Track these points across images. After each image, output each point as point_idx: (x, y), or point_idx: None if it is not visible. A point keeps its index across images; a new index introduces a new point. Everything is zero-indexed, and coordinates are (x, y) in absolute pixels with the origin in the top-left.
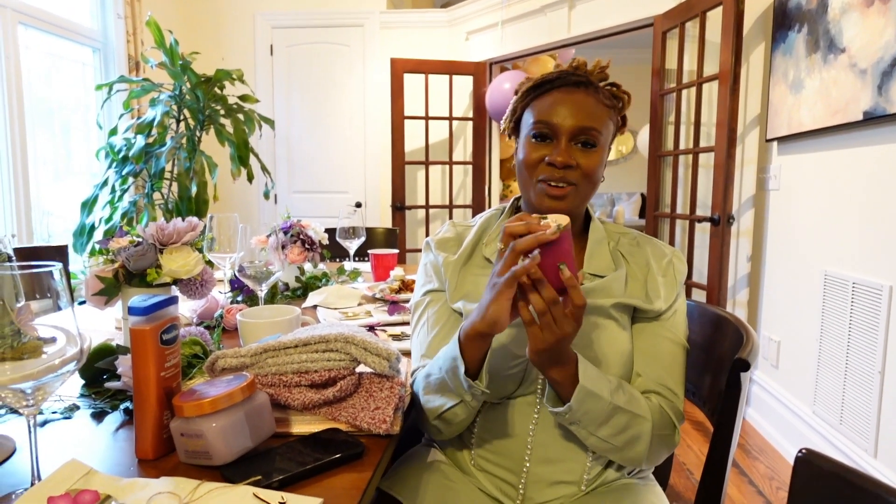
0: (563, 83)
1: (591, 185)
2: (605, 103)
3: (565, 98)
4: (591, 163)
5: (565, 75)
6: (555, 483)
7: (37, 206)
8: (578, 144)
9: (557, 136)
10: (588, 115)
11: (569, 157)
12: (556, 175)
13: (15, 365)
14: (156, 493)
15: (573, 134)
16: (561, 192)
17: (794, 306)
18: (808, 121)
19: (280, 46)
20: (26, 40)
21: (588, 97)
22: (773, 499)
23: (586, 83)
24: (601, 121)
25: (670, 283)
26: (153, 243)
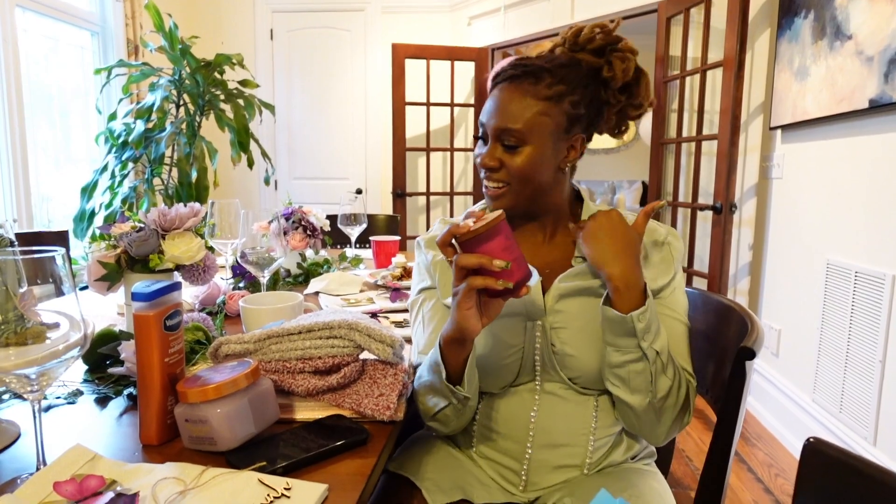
0: (501, 78)
1: (527, 183)
2: (543, 94)
3: (496, 95)
4: (516, 163)
5: (505, 69)
6: (557, 467)
7: (36, 191)
8: (503, 145)
9: (487, 136)
10: (508, 114)
11: (490, 158)
12: (488, 176)
13: (19, 350)
14: (161, 479)
15: (496, 135)
16: (495, 192)
17: (795, 295)
18: (812, 108)
19: (280, 31)
20: (24, 23)
21: (516, 92)
22: (772, 486)
23: (521, 75)
24: (527, 119)
25: (666, 259)
26: (155, 229)
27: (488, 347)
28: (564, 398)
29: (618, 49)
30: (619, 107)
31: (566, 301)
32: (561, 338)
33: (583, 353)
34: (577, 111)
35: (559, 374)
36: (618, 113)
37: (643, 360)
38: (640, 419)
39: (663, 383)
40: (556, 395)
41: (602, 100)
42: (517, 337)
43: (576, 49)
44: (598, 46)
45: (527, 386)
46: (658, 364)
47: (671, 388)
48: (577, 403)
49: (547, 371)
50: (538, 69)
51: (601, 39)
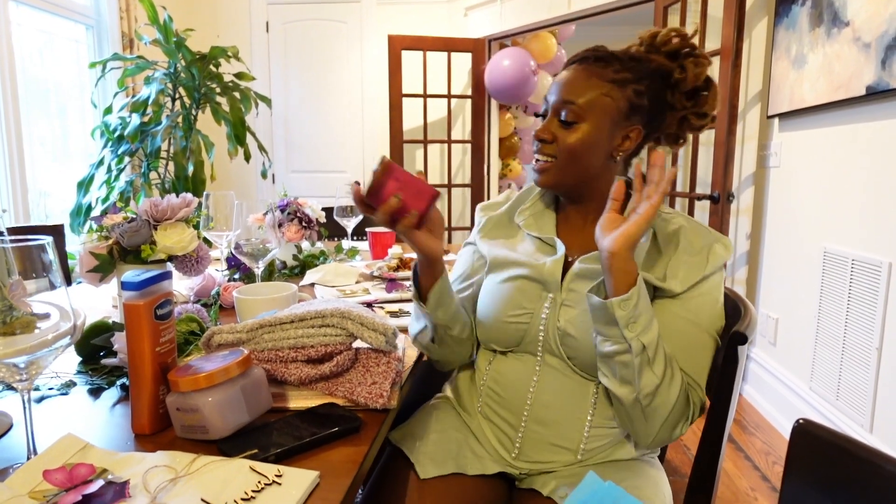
0: (573, 60)
1: (574, 162)
2: (609, 77)
3: (563, 75)
4: (568, 139)
5: (578, 53)
6: (551, 445)
7: (33, 186)
8: (560, 120)
9: (547, 112)
10: (571, 89)
11: (544, 131)
12: (539, 148)
13: (7, 340)
14: (152, 467)
15: (555, 110)
16: (541, 166)
17: (792, 284)
18: (810, 97)
19: (276, 23)
20: (18, 17)
21: (583, 72)
22: (769, 473)
23: (591, 58)
24: (587, 95)
25: (697, 264)
26: (147, 219)
27: (502, 303)
28: (565, 375)
29: (693, 54)
30: (682, 112)
31: (580, 282)
32: (567, 316)
33: (582, 335)
34: (640, 101)
35: (559, 350)
36: (680, 120)
37: (629, 351)
38: (629, 415)
39: (648, 379)
40: (557, 371)
41: (667, 101)
42: (531, 302)
43: (651, 51)
44: (672, 50)
45: (530, 354)
46: (643, 357)
47: (659, 386)
48: (576, 384)
49: (548, 344)
50: (609, 56)
51: (677, 43)
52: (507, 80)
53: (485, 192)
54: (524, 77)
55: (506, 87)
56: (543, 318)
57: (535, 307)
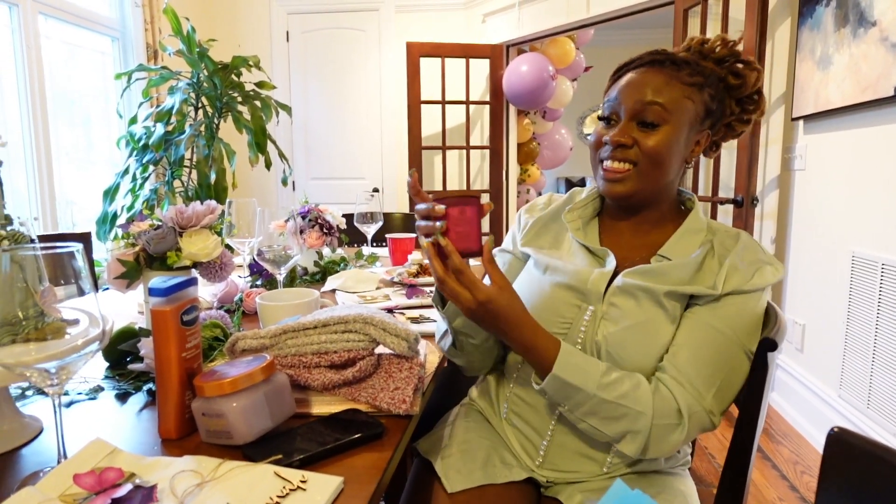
0: (639, 63)
1: (656, 167)
2: (686, 80)
3: (635, 77)
4: (652, 142)
5: (644, 56)
6: (577, 454)
7: (60, 195)
8: (639, 124)
9: (619, 116)
10: (652, 90)
11: (623, 135)
12: (613, 154)
13: (39, 345)
14: (179, 472)
15: (634, 112)
16: (617, 175)
17: (820, 289)
18: (836, 98)
19: (296, 32)
20: (46, 30)
21: (659, 74)
22: (798, 483)
23: (664, 61)
24: (671, 97)
25: (742, 274)
26: (173, 226)
27: (541, 308)
28: None
29: (741, 60)
30: (729, 119)
31: (623, 297)
32: (606, 331)
33: (624, 353)
34: (713, 105)
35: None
36: (725, 126)
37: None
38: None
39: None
40: None
41: (720, 109)
42: (571, 311)
43: (699, 57)
44: (720, 57)
45: None
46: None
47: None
48: None
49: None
50: (681, 59)
51: (722, 50)
52: (525, 85)
53: (503, 197)
54: (542, 82)
55: (524, 93)
56: (582, 331)
57: (574, 317)
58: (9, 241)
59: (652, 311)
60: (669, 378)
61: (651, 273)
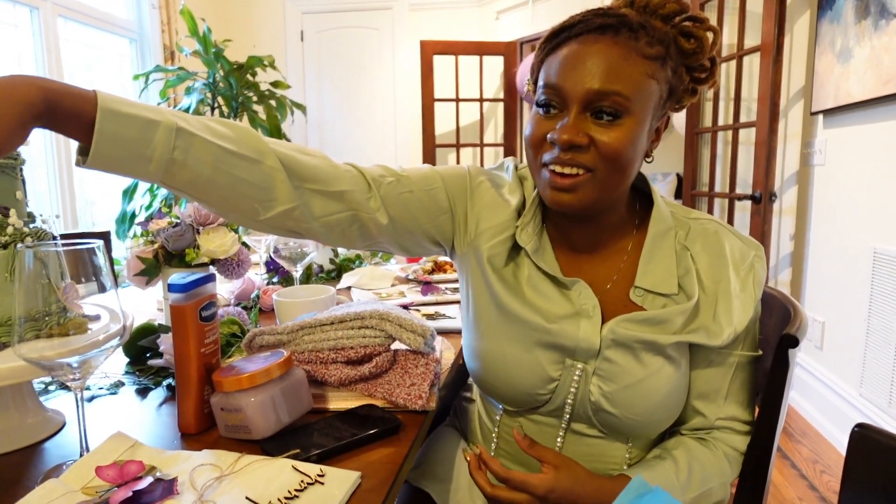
0: (583, 29)
1: (618, 170)
2: (647, 52)
3: (581, 51)
4: (612, 140)
5: (588, 18)
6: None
7: (80, 195)
8: (593, 115)
9: (566, 104)
10: (609, 72)
11: (577, 133)
12: (562, 158)
13: (62, 340)
14: (198, 465)
15: (586, 101)
16: (568, 182)
17: (840, 285)
18: (856, 91)
19: (310, 32)
20: (66, 33)
21: (615, 46)
22: (817, 482)
23: (617, 26)
24: (632, 80)
25: (748, 299)
26: (191, 224)
27: (522, 372)
28: (593, 438)
29: (693, 17)
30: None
31: (620, 352)
32: (602, 390)
33: (626, 411)
34: (676, 81)
35: (591, 421)
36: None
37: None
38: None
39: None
40: (583, 435)
41: (676, 79)
42: (556, 370)
43: (643, 13)
44: (668, 13)
45: (551, 420)
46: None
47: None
48: (608, 447)
49: (578, 415)
50: (635, 23)
51: (672, 5)
52: None
53: None
54: None
55: None
56: (572, 392)
57: (560, 376)
58: (32, 238)
59: (655, 364)
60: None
61: (650, 322)
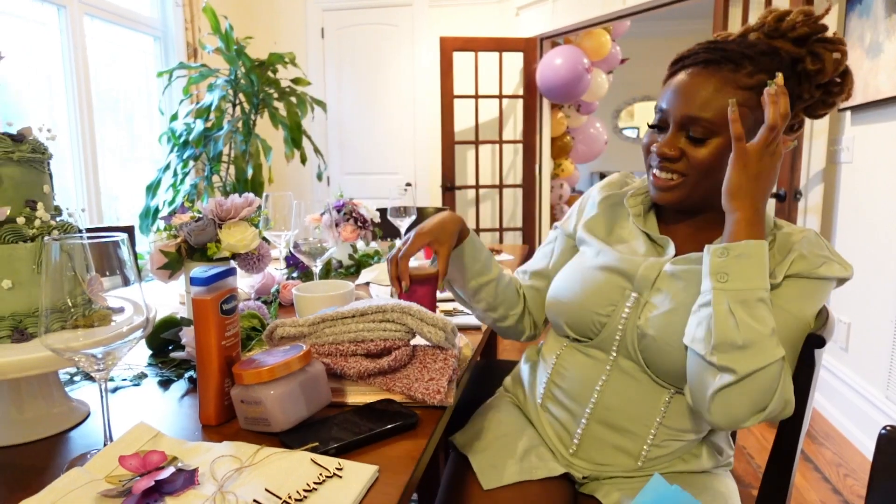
0: (692, 62)
1: (707, 178)
2: (744, 83)
3: (685, 81)
4: (699, 156)
5: (696, 52)
6: (610, 446)
7: (105, 191)
8: (687, 135)
9: (667, 124)
10: (700, 103)
11: (671, 148)
12: (661, 165)
13: (87, 332)
14: (218, 456)
15: (680, 123)
16: (666, 184)
17: (866, 286)
18: (886, 87)
19: (331, 29)
20: (92, 31)
21: (711, 79)
22: (840, 486)
23: (720, 60)
24: (717, 110)
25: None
26: (212, 218)
27: (589, 290)
28: (637, 380)
29: (826, 39)
30: (809, 103)
31: (671, 282)
32: (649, 316)
33: (664, 338)
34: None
35: (635, 354)
36: (804, 110)
37: (708, 305)
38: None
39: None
40: (628, 375)
41: (795, 94)
42: (616, 294)
43: (774, 36)
44: (800, 35)
45: (602, 353)
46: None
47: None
48: (647, 391)
49: (625, 345)
50: (738, 55)
51: (804, 27)
52: (560, 78)
53: (536, 192)
54: (577, 75)
55: (558, 86)
56: (624, 318)
57: (618, 301)
58: (58, 231)
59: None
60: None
61: (698, 260)
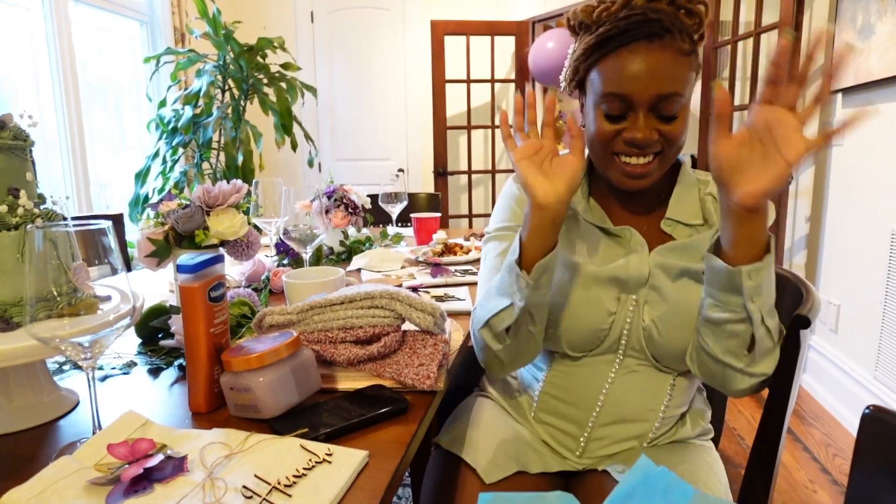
0: (632, 37)
1: (677, 148)
2: (685, 49)
3: (638, 60)
4: (675, 128)
5: (636, 26)
6: (619, 439)
7: (94, 178)
8: (656, 113)
9: (633, 108)
10: (668, 78)
11: (649, 132)
12: (636, 151)
13: (73, 320)
14: (208, 443)
15: (650, 105)
16: (643, 170)
17: (856, 268)
18: (877, 69)
19: (320, 13)
20: (77, 16)
21: (665, 51)
22: (829, 466)
23: (662, 32)
24: (683, 79)
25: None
26: (200, 205)
27: (584, 309)
28: (641, 374)
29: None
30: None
31: (664, 277)
32: (652, 315)
33: (672, 334)
34: (697, 67)
35: (644, 352)
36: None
37: (746, 321)
38: (726, 377)
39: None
40: (633, 371)
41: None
42: (613, 304)
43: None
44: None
45: (606, 357)
46: (762, 331)
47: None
48: (653, 380)
49: (631, 346)
50: (671, 24)
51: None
52: (552, 62)
53: None
54: None
55: (550, 70)
56: (628, 322)
57: (617, 309)
58: (42, 219)
59: (692, 288)
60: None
61: (686, 250)
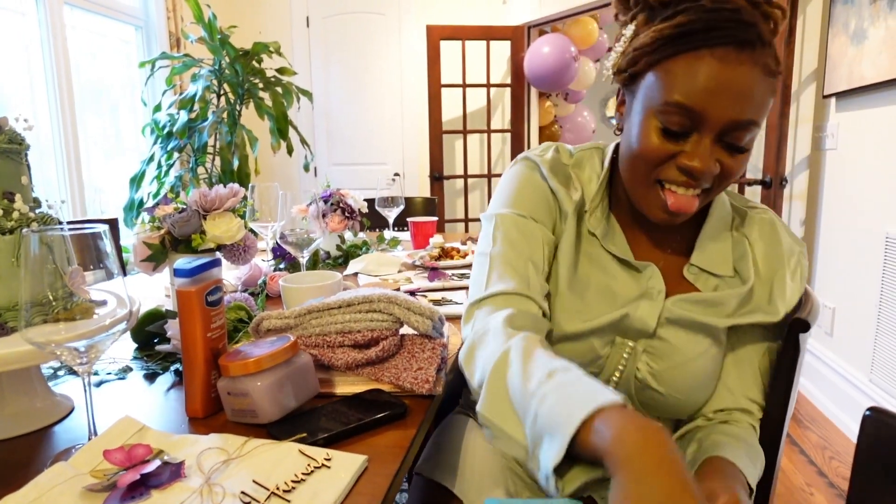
0: (722, 40)
1: (726, 186)
2: (772, 68)
3: (724, 73)
4: (737, 164)
5: (728, 25)
6: None
7: (88, 183)
8: (725, 143)
9: (700, 128)
10: (751, 101)
11: (712, 162)
12: (688, 182)
13: (69, 325)
14: (205, 449)
15: (724, 130)
16: (688, 205)
17: (851, 271)
18: (870, 74)
19: (316, 17)
20: (72, 20)
21: (756, 67)
22: (826, 469)
23: (754, 41)
24: (765, 105)
25: (797, 285)
26: (197, 209)
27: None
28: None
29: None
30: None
31: (673, 330)
32: (651, 368)
33: (672, 391)
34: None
35: (633, 401)
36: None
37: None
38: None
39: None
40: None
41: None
42: (604, 349)
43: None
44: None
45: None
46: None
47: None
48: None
49: (621, 391)
50: (760, 31)
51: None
52: (548, 67)
53: None
54: (565, 64)
55: (546, 75)
56: (620, 369)
57: (608, 354)
58: (37, 223)
59: (704, 344)
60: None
61: (707, 304)
